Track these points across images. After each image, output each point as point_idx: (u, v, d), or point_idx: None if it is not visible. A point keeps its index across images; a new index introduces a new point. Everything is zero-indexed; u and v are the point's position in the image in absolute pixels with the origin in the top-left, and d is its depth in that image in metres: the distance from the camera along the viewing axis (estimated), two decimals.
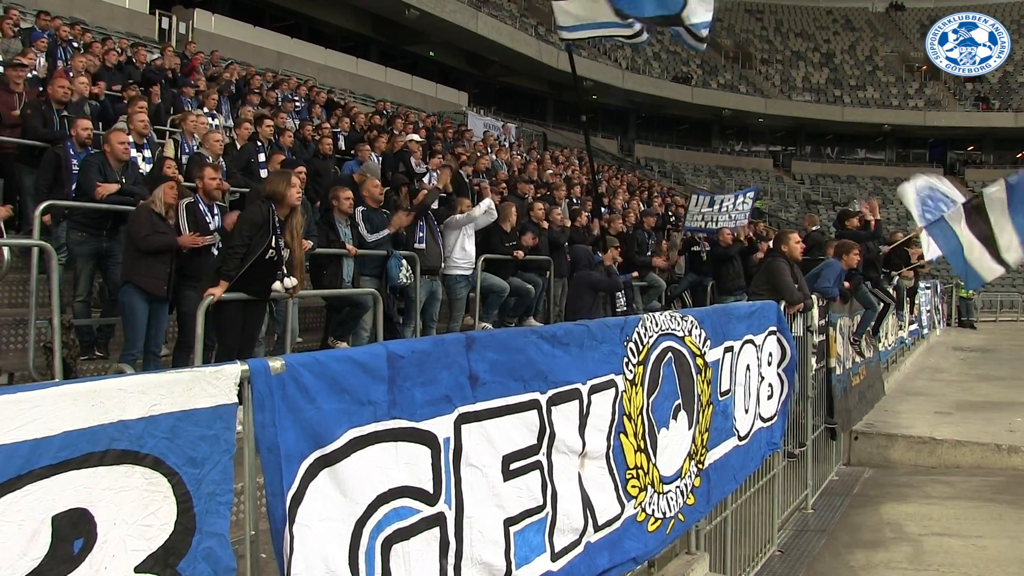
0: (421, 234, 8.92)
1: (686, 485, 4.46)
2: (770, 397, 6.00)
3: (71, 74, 9.64)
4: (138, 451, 1.89)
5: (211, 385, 2.07)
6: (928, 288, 20.66)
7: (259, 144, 9.90)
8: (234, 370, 2.14)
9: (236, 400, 2.12)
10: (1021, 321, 33.26)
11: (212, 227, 6.74)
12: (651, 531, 4.06)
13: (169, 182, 6.61)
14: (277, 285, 6.04)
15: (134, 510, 1.88)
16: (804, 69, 54.05)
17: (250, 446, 2.21)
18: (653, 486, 4.12)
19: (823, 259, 9.55)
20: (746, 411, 5.51)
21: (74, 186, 7.03)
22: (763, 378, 5.85)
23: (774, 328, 6.06)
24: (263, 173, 9.16)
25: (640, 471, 3.98)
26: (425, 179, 12.23)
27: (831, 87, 52.34)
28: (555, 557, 3.31)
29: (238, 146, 10.03)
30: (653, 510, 4.10)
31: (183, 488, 1.97)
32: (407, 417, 2.59)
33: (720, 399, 5.03)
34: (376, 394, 2.49)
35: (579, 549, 3.47)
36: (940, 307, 25.08)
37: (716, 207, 13.18)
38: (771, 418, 6.00)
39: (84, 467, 1.78)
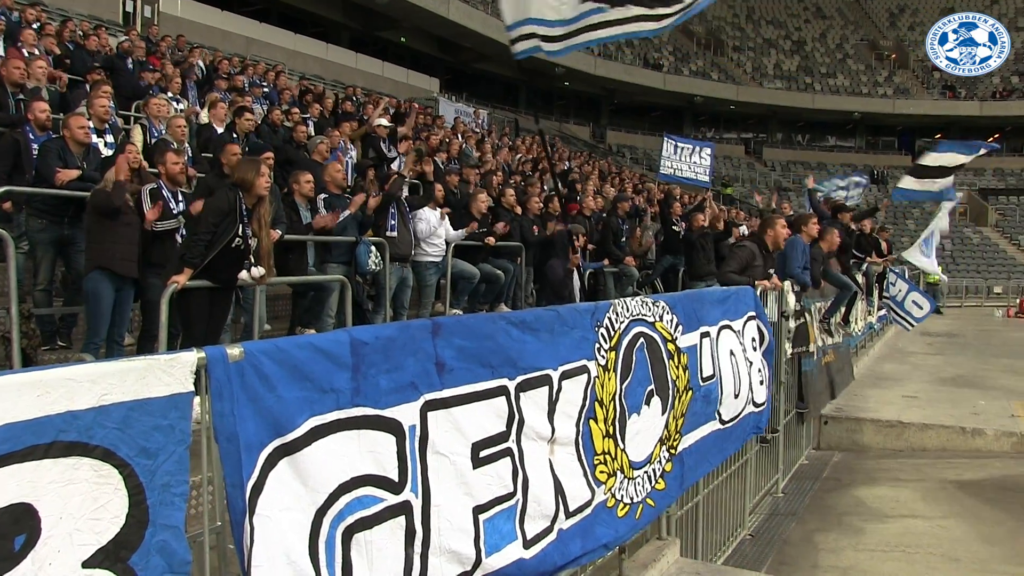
0: (393, 221, 8.85)
1: (655, 470, 4.43)
2: (762, 383, 6.01)
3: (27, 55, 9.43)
4: (87, 442, 1.82)
5: (166, 374, 2.01)
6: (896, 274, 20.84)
7: (235, 136, 9.77)
8: (190, 358, 2.08)
9: (192, 389, 2.06)
10: (986, 307, 33.68)
11: (175, 212, 6.63)
12: (621, 516, 4.03)
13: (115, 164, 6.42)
14: (244, 274, 5.95)
15: (82, 503, 1.81)
16: (775, 56, 54.26)
17: (210, 436, 2.16)
18: (623, 471, 4.09)
19: None
20: (736, 396, 5.49)
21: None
22: (751, 363, 5.83)
23: (752, 313, 6.04)
24: None
25: (608, 456, 3.95)
26: (395, 164, 12.15)
27: (802, 74, 52.60)
28: (527, 544, 3.27)
29: (216, 129, 9.93)
30: (622, 495, 4.07)
31: (136, 480, 1.91)
32: (371, 405, 2.54)
33: (702, 384, 5.00)
34: (339, 381, 2.43)
35: (552, 536, 3.43)
36: None
37: (678, 154, 13.31)
38: (763, 403, 6.01)
39: (28, 460, 1.71)
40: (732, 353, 5.50)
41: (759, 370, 5.97)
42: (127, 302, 6.46)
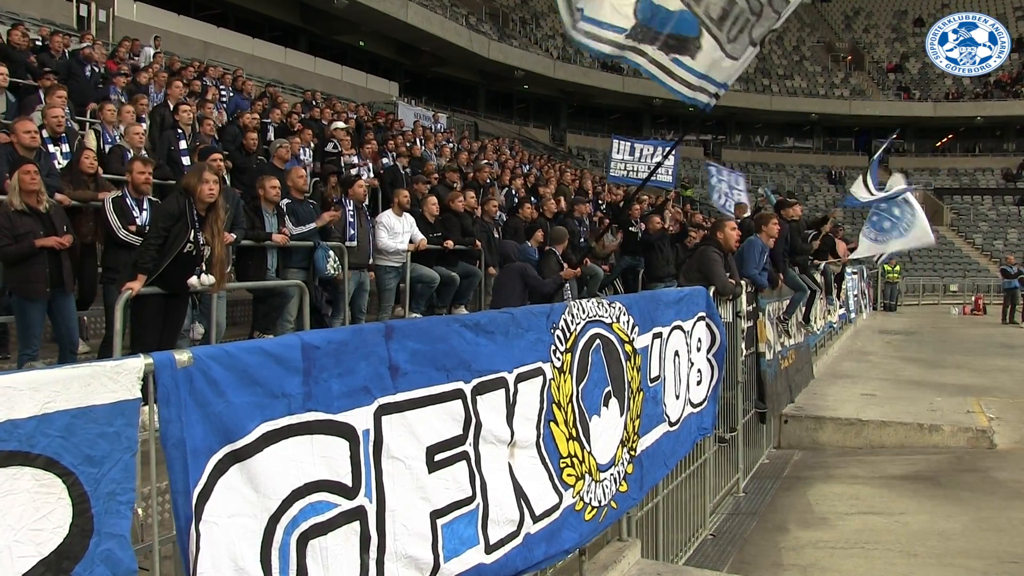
0: (352, 231, 8.78)
1: (619, 472, 4.44)
2: (699, 383, 6.02)
3: None
4: (28, 451, 1.78)
5: (112, 380, 1.96)
6: (855, 273, 21.12)
7: (179, 131, 9.65)
8: (137, 364, 2.03)
9: (139, 396, 2.02)
10: (942, 305, 34.26)
11: (139, 223, 6.54)
12: (587, 520, 4.04)
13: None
14: (193, 280, 5.86)
15: (23, 514, 1.77)
16: None
17: (159, 443, 2.12)
18: (591, 474, 4.08)
19: None
20: (677, 397, 5.51)
21: None
22: (692, 364, 5.85)
23: (703, 313, 6.07)
24: (185, 161, 8.96)
25: (575, 459, 3.94)
26: (354, 170, 12.09)
27: (760, 76, 53.08)
28: (490, 549, 3.25)
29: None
30: (591, 499, 4.07)
31: (80, 489, 1.87)
32: (323, 409, 2.51)
33: (650, 385, 5.02)
34: (290, 386, 2.41)
35: (518, 540, 3.41)
36: (866, 292, 25.69)
37: (636, 155, 13.21)
38: (701, 403, 6.01)
39: None
40: (677, 354, 5.52)
41: (699, 370, 5.98)
42: (65, 310, 6.25)
